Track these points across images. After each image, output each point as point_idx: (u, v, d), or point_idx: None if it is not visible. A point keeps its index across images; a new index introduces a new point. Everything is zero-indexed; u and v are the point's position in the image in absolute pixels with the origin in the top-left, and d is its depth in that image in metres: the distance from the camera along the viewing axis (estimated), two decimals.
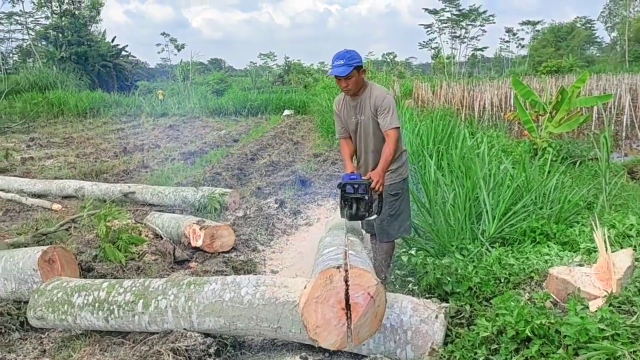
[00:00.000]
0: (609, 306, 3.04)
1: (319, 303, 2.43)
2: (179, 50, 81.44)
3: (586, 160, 8.66)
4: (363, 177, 3.74)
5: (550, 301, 3.32)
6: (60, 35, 45.90)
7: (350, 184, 3.62)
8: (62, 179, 8.98)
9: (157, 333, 3.56)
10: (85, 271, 4.78)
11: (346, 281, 2.44)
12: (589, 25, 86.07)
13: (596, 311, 3.05)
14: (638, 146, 14.02)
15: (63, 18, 47.66)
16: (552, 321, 2.76)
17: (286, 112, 24.29)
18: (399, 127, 3.86)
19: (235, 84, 37.89)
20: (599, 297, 3.15)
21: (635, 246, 3.88)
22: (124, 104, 26.52)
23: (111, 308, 3.58)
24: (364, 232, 4.66)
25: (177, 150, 12.80)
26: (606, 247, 3.33)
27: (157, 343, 3.47)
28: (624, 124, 14.46)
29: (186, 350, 3.36)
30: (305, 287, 2.46)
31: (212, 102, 25.54)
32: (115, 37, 51.72)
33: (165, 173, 9.77)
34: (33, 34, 55.97)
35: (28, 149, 14.00)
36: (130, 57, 56.82)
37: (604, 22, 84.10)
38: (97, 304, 3.62)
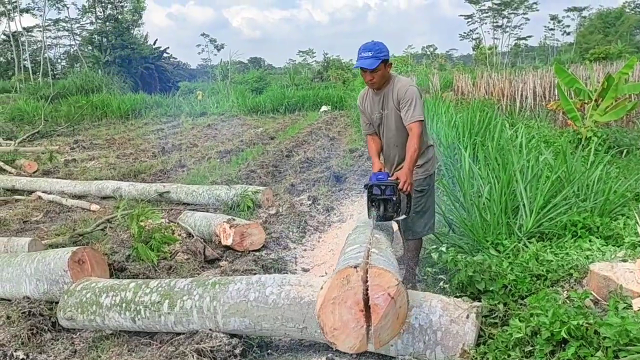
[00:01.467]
0: None
1: (336, 304, 2.32)
2: (218, 50, 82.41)
3: (634, 149, 8.24)
4: (390, 177, 3.61)
5: (591, 299, 3.12)
6: (105, 39, 47.02)
7: (377, 185, 3.52)
8: (102, 179, 9.14)
9: (184, 333, 3.54)
10: (118, 271, 4.81)
11: (365, 281, 2.33)
12: (639, 10, 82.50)
13: (638, 310, 2.84)
14: None
15: (107, 23, 48.83)
16: (591, 322, 2.58)
17: (323, 108, 24.18)
18: (422, 121, 3.68)
19: (274, 82, 38.00)
20: None
21: None
22: (164, 105, 26.93)
23: (138, 308, 3.57)
24: (394, 226, 4.54)
25: (214, 149, 12.88)
26: None
27: (182, 344, 3.45)
28: None
29: (211, 351, 3.32)
30: (321, 288, 2.36)
31: (250, 101, 25.65)
32: (157, 39, 52.89)
33: (201, 172, 9.82)
34: (79, 39, 57.60)
35: (72, 151, 14.35)
36: (171, 59, 57.85)
37: None
38: (124, 305, 3.62)
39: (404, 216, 3.65)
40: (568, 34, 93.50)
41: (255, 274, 4.71)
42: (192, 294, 3.49)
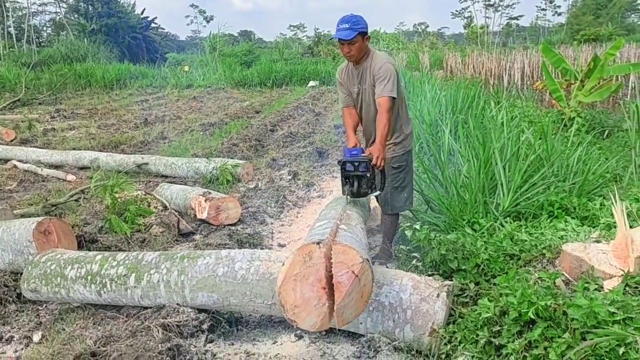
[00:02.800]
0: (625, 286, 2.80)
1: (297, 281, 2.24)
2: (208, 22, 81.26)
3: (617, 131, 8.22)
4: (364, 153, 3.59)
5: (562, 280, 3.08)
6: (91, 7, 46.05)
7: (350, 162, 3.50)
8: (80, 150, 8.97)
9: (151, 308, 3.47)
10: (89, 243, 4.72)
11: (329, 258, 2.25)
12: None
13: (608, 292, 2.81)
14: None
15: None
16: (559, 302, 2.53)
17: (311, 83, 23.93)
18: (392, 97, 3.66)
19: (263, 56, 37.51)
20: (615, 276, 2.91)
21: None
22: (150, 76, 26.55)
23: (104, 281, 3.50)
24: (373, 201, 4.55)
25: (198, 121, 12.69)
26: (627, 223, 3.07)
27: (149, 318, 3.39)
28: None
29: (177, 325, 3.26)
30: (283, 264, 2.28)
31: (237, 74, 25.32)
32: (144, 9, 51.81)
33: (182, 144, 9.68)
34: (65, 6, 56.25)
35: (52, 120, 14.07)
36: (159, 30, 56.97)
37: None
38: (89, 277, 3.54)
39: (378, 192, 3.67)
40: (559, 14, 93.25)
41: (229, 248, 4.64)
42: (160, 267, 3.42)
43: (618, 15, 73.66)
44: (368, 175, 3.48)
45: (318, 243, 2.26)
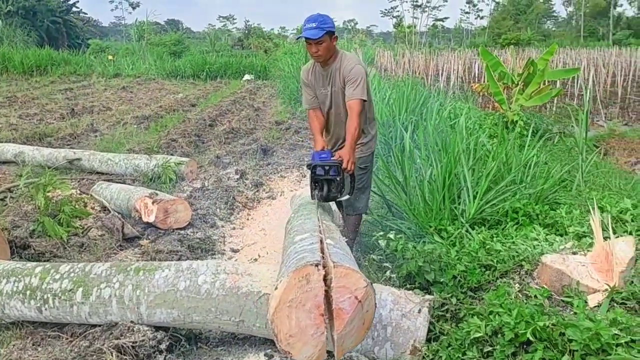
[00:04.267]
0: (610, 302, 2.74)
1: (292, 308, 1.99)
2: (133, 8, 77.97)
3: (555, 135, 8.46)
4: (333, 157, 3.49)
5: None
6: None
7: (320, 166, 3.40)
8: (1, 142, 8.22)
9: (100, 326, 3.11)
10: (21, 249, 4.26)
11: (325, 279, 2.02)
12: None
13: (595, 307, 2.75)
14: (599, 121, 14.03)
15: None
16: (554, 322, 2.43)
17: (246, 76, 23.48)
18: (364, 100, 3.58)
19: (193, 47, 36.50)
20: (599, 290, 2.85)
21: (631, 232, 3.59)
22: (74, 63, 25.16)
23: (45, 297, 3.10)
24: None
25: (130, 113, 12.05)
26: (607, 235, 3.02)
27: (99, 338, 3.02)
28: (587, 98, 14.32)
29: (133, 346, 2.92)
30: (276, 288, 2.02)
31: (168, 64, 24.45)
32: None
33: (116, 138, 9.10)
34: None
35: None
36: (81, 14, 54.33)
37: None
38: (28, 292, 3.13)
39: (347, 196, 3.58)
40: (482, 18, 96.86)
41: (180, 254, 4.32)
42: (112, 281, 3.07)
43: (535, 21, 77.69)
44: (338, 179, 3.41)
45: (317, 265, 2.02)
